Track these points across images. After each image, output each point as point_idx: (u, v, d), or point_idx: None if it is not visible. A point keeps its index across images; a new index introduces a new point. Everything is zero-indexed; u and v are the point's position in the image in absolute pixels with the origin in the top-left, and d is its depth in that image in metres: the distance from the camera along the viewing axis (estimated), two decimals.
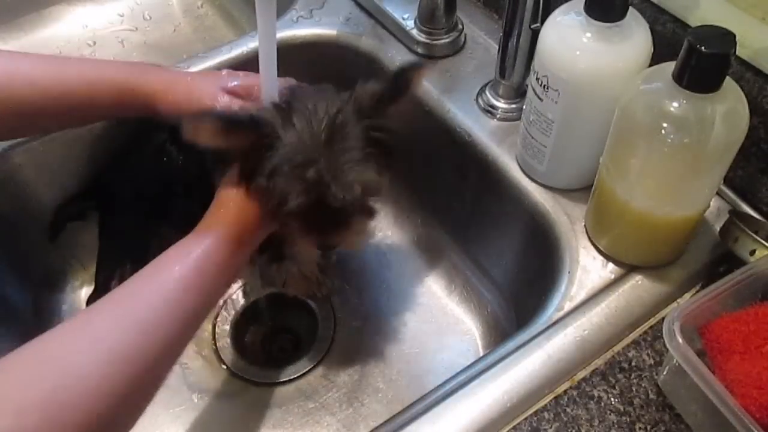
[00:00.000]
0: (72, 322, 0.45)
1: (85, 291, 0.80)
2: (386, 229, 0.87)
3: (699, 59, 0.45)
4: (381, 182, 0.53)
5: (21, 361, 0.41)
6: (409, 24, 0.78)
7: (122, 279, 0.70)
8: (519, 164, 0.68)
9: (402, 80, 0.54)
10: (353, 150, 0.51)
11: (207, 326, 0.79)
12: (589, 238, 0.62)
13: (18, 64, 0.58)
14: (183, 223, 0.64)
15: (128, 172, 0.71)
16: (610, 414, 0.52)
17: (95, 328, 0.44)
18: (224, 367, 0.76)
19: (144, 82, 0.60)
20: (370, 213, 0.58)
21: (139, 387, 0.44)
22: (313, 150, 0.51)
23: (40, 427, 0.38)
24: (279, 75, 0.59)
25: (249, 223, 0.53)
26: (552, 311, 0.58)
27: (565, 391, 0.54)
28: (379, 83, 0.54)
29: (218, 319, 0.79)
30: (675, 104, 0.48)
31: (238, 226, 0.53)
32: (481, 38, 0.80)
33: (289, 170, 0.50)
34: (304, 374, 0.76)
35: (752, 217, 0.61)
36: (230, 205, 0.53)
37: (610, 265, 0.60)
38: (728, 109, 0.48)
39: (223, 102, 0.59)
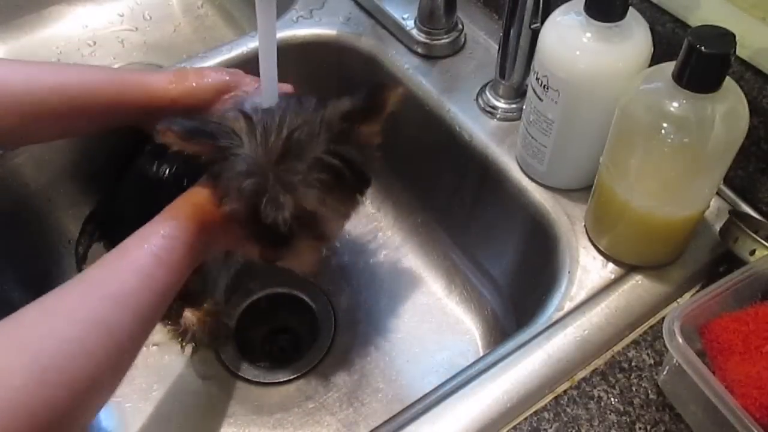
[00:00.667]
0: (49, 295, 0.47)
1: None
2: (386, 229, 0.87)
3: (699, 59, 0.45)
4: (323, 210, 0.54)
5: (7, 331, 0.43)
6: (409, 24, 0.78)
7: None
8: (519, 164, 0.68)
9: (377, 100, 0.55)
10: (301, 172, 0.52)
11: (207, 326, 0.79)
12: (589, 238, 0.62)
13: (15, 69, 0.59)
14: None
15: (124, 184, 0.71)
16: (610, 414, 0.52)
17: (71, 300, 0.47)
18: (224, 366, 0.76)
19: (142, 77, 0.62)
20: (320, 238, 0.58)
21: (116, 353, 0.46)
22: (262, 163, 0.52)
23: (26, 386, 0.40)
24: (279, 75, 0.59)
25: (212, 212, 0.55)
26: (552, 311, 0.58)
27: (565, 391, 0.54)
28: (353, 101, 0.55)
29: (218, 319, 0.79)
30: (675, 104, 0.48)
31: (202, 212, 0.55)
32: (481, 38, 0.80)
33: (231, 176, 0.53)
34: (304, 374, 0.76)
35: (752, 217, 0.61)
36: (197, 194, 0.56)
37: (610, 265, 0.60)
38: (728, 109, 0.48)
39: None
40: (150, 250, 0.51)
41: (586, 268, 0.60)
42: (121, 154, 0.70)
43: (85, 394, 0.44)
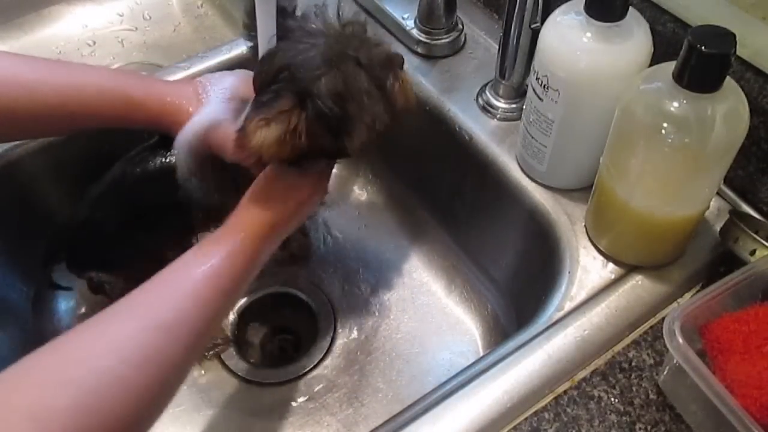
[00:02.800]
0: (96, 323, 0.44)
1: (85, 291, 0.80)
2: (386, 229, 0.87)
3: (699, 59, 0.45)
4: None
5: (46, 364, 0.40)
6: (409, 24, 0.78)
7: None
8: (519, 164, 0.68)
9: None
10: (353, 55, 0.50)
11: None
12: (589, 238, 0.62)
13: (18, 69, 0.57)
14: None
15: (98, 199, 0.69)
16: (610, 414, 0.52)
17: (121, 330, 0.43)
18: (224, 367, 0.76)
19: (146, 91, 0.59)
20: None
21: (165, 388, 0.44)
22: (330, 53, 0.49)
23: (66, 429, 0.37)
24: None
25: (276, 219, 0.53)
26: (552, 311, 0.58)
27: (565, 391, 0.54)
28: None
29: None
30: (675, 104, 0.48)
31: (265, 224, 0.52)
32: (481, 38, 0.80)
33: (308, 71, 0.49)
34: (304, 374, 0.76)
35: (752, 217, 0.61)
36: (256, 202, 0.53)
37: (610, 265, 0.60)
38: (728, 109, 0.48)
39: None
40: (210, 271, 0.48)
41: (586, 268, 0.60)
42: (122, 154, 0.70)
43: (128, 430, 0.41)
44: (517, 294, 0.75)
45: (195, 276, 0.48)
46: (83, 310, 0.78)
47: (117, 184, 0.66)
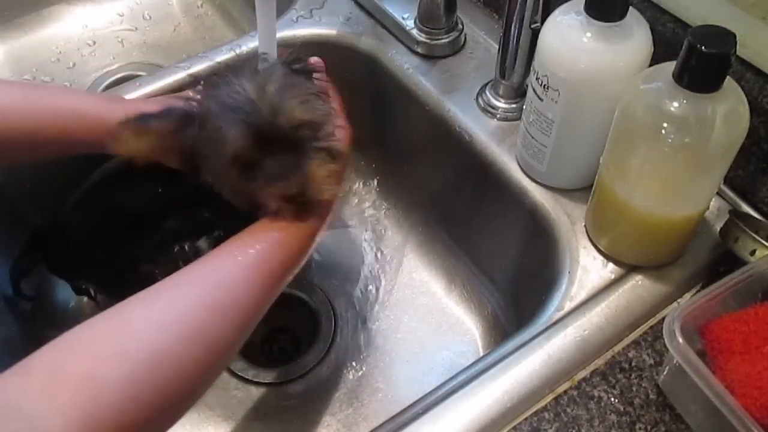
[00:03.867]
0: (152, 297, 0.44)
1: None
2: (386, 229, 0.87)
3: (699, 59, 0.45)
4: (323, 106, 0.51)
5: (105, 334, 0.41)
6: (409, 24, 0.78)
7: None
8: (519, 164, 0.68)
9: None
10: (281, 83, 0.49)
11: None
12: (589, 238, 0.62)
13: None
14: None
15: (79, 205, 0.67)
16: (610, 414, 0.52)
17: (177, 308, 0.44)
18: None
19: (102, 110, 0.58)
20: (332, 151, 0.52)
21: (213, 366, 0.45)
22: (240, 91, 0.49)
23: (119, 405, 0.38)
24: None
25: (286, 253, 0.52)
26: (552, 311, 0.58)
27: (565, 391, 0.54)
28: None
29: None
30: (675, 104, 0.48)
31: (274, 256, 0.51)
32: (481, 38, 0.80)
33: (218, 110, 0.49)
34: (304, 374, 0.76)
35: (752, 217, 0.61)
36: (271, 229, 0.52)
37: (610, 265, 0.60)
38: (729, 109, 0.48)
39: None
40: (259, 255, 0.48)
41: (586, 268, 0.60)
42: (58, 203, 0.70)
43: (174, 411, 0.42)
44: (517, 294, 0.75)
45: (246, 260, 0.48)
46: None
47: (94, 190, 0.65)
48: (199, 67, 0.76)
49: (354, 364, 0.76)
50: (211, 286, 0.46)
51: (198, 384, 0.44)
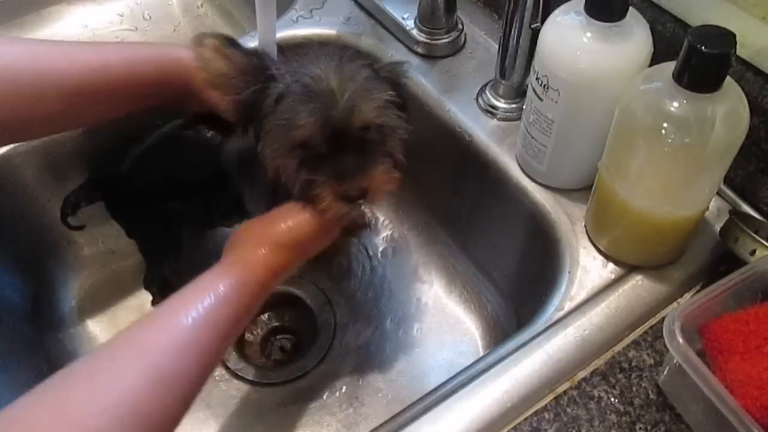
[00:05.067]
0: (93, 371, 0.43)
1: (83, 293, 0.81)
2: (386, 229, 0.87)
3: (699, 59, 0.45)
4: (399, 116, 0.51)
5: (40, 422, 0.39)
6: (409, 24, 0.78)
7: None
8: (519, 164, 0.68)
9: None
10: (365, 81, 0.50)
11: None
12: (589, 238, 0.62)
13: (60, 48, 0.56)
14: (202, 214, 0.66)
15: (136, 161, 0.70)
16: (610, 414, 0.52)
17: (118, 384, 0.42)
18: (224, 367, 0.76)
19: (179, 51, 0.58)
20: (394, 156, 0.54)
21: (187, 403, 0.44)
22: (322, 75, 0.49)
23: None
24: None
25: (276, 268, 0.52)
26: (552, 311, 0.58)
27: (565, 391, 0.54)
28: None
29: None
30: (675, 104, 0.48)
31: (266, 271, 0.51)
32: (481, 38, 0.80)
33: (298, 89, 0.49)
34: (304, 374, 0.76)
35: (752, 217, 0.61)
36: (255, 245, 0.52)
37: (610, 265, 0.60)
38: (729, 109, 0.48)
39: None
40: (208, 318, 0.47)
41: (586, 268, 0.60)
42: (120, 155, 0.71)
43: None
44: (517, 294, 0.75)
45: (192, 320, 0.46)
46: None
47: (153, 149, 0.68)
48: None
49: (354, 364, 0.76)
50: (154, 355, 0.44)
51: (175, 420, 0.43)
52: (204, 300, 0.47)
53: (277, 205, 0.54)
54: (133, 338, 0.45)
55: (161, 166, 0.69)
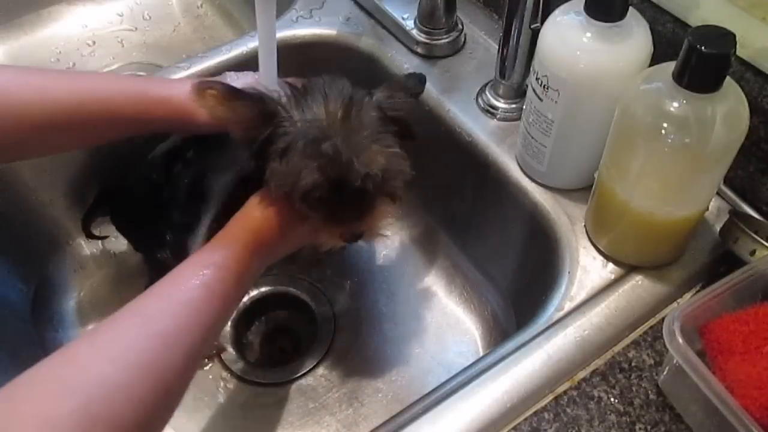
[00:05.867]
0: (96, 333, 0.45)
1: (83, 293, 0.81)
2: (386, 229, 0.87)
3: (699, 59, 0.45)
4: (404, 159, 0.52)
5: (50, 372, 0.41)
6: (409, 24, 0.78)
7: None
8: (519, 164, 0.68)
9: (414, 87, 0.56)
10: (372, 126, 0.51)
11: None
12: (589, 238, 0.62)
13: (27, 77, 0.56)
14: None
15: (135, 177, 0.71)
16: (610, 414, 0.52)
17: (123, 339, 0.44)
18: (224, 367, 0.76)
19: (167, 89, 0.59)
20: (394, 196, 0.55)
21: (166, 395, 0.45)
22: (328, 126, 0.50)
23: None
24: (279, 75, 0.59)
25: (268, 236, 0.53)
26: (552, 311, 0.58)
27: (565, 392, 0.54)
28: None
29: None
30: (675, 104, 0.48)
31: (257, 239, 0.53)
32: (481, 38, 0.80)
33: (303, 146, 0.49)
34: (304, 374, 0.76)
35: (752, 217, 0.61)
36: (251, 217, 0.54)
37: (610, 265, 0.60)
38: (728, 109, 0.48)
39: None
40: (203, 281, 0.49)
41: (586, 268, 0.60)
42: (123, 155, 0.70)
43: None
44: (517, 294, 0.75)
45: (189, 286, 0.49)
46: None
47: (155, 164, 0.69)
48: (198, 67, 0.76)
49: (353, 364, 0.76)
50: (154, 315, 0.46)
51: (153, 412, 0.43)
52: (201, 269, 0.50)
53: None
54: (134, 304, 0.47)
55: (164, 177, 0.68)
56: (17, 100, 0.54)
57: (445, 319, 0.80)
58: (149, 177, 0.70)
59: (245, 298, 0.81)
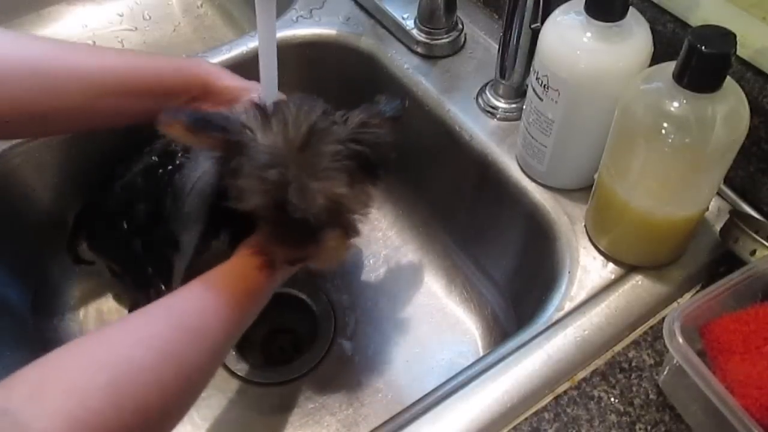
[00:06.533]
0: (128, 319, 0.49)
1: (83, 293, 0.81)
2: (386, 230, 0.87)
3: (699, 59, 0.45)
4: (350, 196, 0.52)
5: (85, 348, 0.44)
6: (409, 24, 0.78)
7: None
8: (519, 164, 0.68)
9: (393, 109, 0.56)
10: (327, 160, 0.50)
11: None
12: (589, 238, 0.62)
13: (86, 48, 0.60)
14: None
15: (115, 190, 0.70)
16: (610, 414, 0.52)
17: (151, 327, 0.47)
18: (224, 367, 0.76)
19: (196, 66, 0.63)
20: (348, 229, 0.55)
21: (189, 387, 0.47)
22: (283, 154, 0.50)
23: (102, 410, 0.40)
24: (279, 75, 0.59)
25: (252, 287, 0.55)
26: (552, 311, 0.58)
27: (565, 392, 0.54)
28: (370, 109, 0.55)
29: None
30: (675, 104, 0.48)
31: (241, 288, 0.54)
32: (481, 38, 0.80)
33: (250, 170, 0.50)
34: (304, 374, 0.76)
35: (752, 217, 0.61)
36: (237, 265, 0.55)
37: (610, 265, 0.60)
38: (729, 109, 0.48)
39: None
40: (231, 292, 0.52)
41: (586, 268, 0.60)
42: (123, 155, 0.70)
43: (156, 424, 0.44)
44: (517, 294, 0.75)
45: (214, 289, 0.51)
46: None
47: (131, 182, 0.68)
48: None
49: (354, 364, 0.76)
50: (181, 311, 0.49)
51: (175, 401, 0.46)
52: (225, 276, 0.53)
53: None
54: (162, 302, 0.49)
55: (140, 196, 0.68)
56: (79, 64, 0.56)
57: (445, 319, 0.80)
58: (125, 198, 0.68)
59: None
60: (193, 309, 0.50)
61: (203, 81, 0.62)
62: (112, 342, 0.45)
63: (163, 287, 0.71)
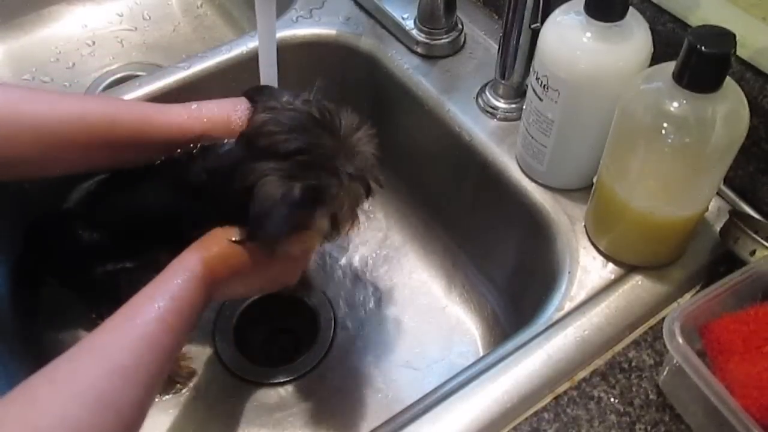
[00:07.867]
0: (55, 370, 0.45)
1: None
2: (386, 230, 0.87)
3: (699, 59, 0.45)
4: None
5: (11, 414, 0.41)
6: (409, 24, 0.78)
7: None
8: (519, 164, 0.68)
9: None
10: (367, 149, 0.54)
11: (208, 326, 0.79)
12: (589, 238, 0.62)
13: (38, 95, 0.57)
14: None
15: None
16: (610, 414, 0.52)
17: (81, 376, 0.45)
18: (224, 367, 0.76)
19: (166, 115, 0.60)
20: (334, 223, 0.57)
21: (126, 429, 0.45)
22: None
23: None
24: (279, 75, 0.59)
25: (221, 274, 0.54)
26: (552, 311, 0.58)
27: (565, 392, 0.54)
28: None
29: (218, 319, 0.79)
30: (675, 104, 0.48)
31: (211, 275, 0.53)
32: (481, 38, 0.80)
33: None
34: (304, 374, 0.76)
35: (752, 217, 0.61)
36: (208, 249, 0.54)
37: (610, 265, 0.60)
38: (728, 109, 0.48)
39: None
40: (159, 314, 0.49)
41: (586, 269, 0.60)
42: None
43: None
44: (517, 294, 0.75)
45: (146, 320, 0.49)
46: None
47: (86, 202, 0.67)
48: (198, 67, 0.76)
49: (354, 364, 0.76)
50: (110, 350, 0.47)
51: None
52: (154, 301, 0.50)
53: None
54: (89, 341, 0.47)
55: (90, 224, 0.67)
56: (33, 113, 0.55)
57: (445, 319, 0.80)
58: (73, 223, 0.67)
59: (246, 299, 0.81)
60: (123, 345, 0.47)
61: (166, 134, 0.60)
62: (43, 400, 0.42)
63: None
